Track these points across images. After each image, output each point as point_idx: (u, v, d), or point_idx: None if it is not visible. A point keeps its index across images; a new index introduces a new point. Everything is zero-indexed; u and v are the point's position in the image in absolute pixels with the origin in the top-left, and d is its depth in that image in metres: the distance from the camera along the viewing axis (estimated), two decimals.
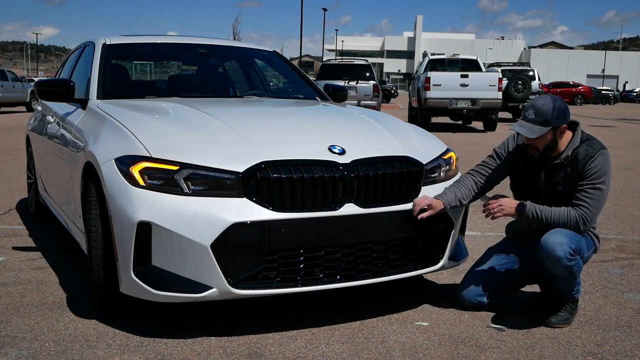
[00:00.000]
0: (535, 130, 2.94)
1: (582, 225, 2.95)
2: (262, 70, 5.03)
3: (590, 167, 2.94)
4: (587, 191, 2.94)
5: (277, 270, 2.73)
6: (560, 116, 2.94)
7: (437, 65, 17.82)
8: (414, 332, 2.90)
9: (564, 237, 2.88)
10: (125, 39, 4.49)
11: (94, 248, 2.89)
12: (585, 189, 2.95)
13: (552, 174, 3.04)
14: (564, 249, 2.84)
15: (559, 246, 2.84)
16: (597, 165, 2.94)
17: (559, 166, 3.02)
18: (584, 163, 2.95)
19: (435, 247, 3.12)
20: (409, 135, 3.38)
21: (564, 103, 2.99)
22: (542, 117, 2.92)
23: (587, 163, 2.94)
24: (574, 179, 2.98)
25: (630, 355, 2.71)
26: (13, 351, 2.62)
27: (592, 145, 2.99)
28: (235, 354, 2.62)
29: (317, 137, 3.02)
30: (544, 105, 2.94)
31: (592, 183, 2.94)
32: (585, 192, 2.95)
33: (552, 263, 2.87)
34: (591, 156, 2.95)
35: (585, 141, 3.02)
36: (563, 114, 2.95)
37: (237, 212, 2.62)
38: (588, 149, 2.98)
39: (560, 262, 2.84)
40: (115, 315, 2.99)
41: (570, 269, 2.87)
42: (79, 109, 3.80)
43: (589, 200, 2.94)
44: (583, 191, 2.95)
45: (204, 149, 2.79)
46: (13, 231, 4.78)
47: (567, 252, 2.84)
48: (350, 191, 2.81)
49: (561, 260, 2.83)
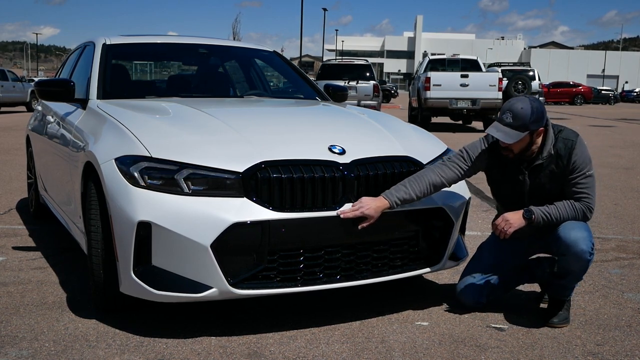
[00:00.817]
0: (513, 135, 2.90)
1: (589, 214, 2.99)
2: (262, 70, 5.03)
3: (574, 159, 2.94)
4: (580, 182, 2.96)
5: (277, 270, 2.74)
6: (538, 119, 2.91)
7: (437, 65, 17.83)
8: (414, 332, 2.90)
9: (585, 231, 2.90)
10: (125, 39, 4.49)
11: (94, 248, 2.89)
12: (578, 181, 2.96)
13: (536, 175, 3.02)
14: (587, 243, 2.85)
15: (582, 240, 2.85)
16: (580, 154, 2.95)
17: (542, 166, 3.01)
18: (568, 156, 2.95)
19: (435, 247, 3.12)
20: (409, 135, 3.38)
21: (541, 104, 2.96)
22: (520, 121, 2.87)
23: (570, 155, 2.95)
24: (561, 175, 2.98)
25: (630, 355, 2.71)
26: (13, 351, 2.62)
27: (567, 137, 3.00)
28: (235, 354, 2.62)
29: (317, 137, 3.02)
30: (522, 109, 2.88)
31: (582, 173, 2.96)
32: (580, 184, 2.96)
33: (574, 257, 2.86)
34: (571, 148, 2.96)
35: (559, 133, 3.02)
36: (541, 117, 2.92)
37: (237, 212, 2.62)
38: (566, 141, 2.98)
39: (583, 256, 2.85)
40: (115, 315, 2.99)
41: (588, 263, 2.89)
42: (79, 109, 3.80)
43: (586, 190, 2.96)
44: (577, 183, 2.97)
45: (204, 149, 2.79)
46: (13, 231, 4.78)
47: (589, 247, 2.86)
48: (350, 191, 2.81)
49: (584, 254, 2.84)
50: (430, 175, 2.99)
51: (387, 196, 2.87)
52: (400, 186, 2.93)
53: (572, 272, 2.93)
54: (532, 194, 3.05)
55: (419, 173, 3.01)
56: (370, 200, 2.81)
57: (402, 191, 2.91)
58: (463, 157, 3.12)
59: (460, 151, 3.15)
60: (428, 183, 2.98)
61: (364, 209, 2.78)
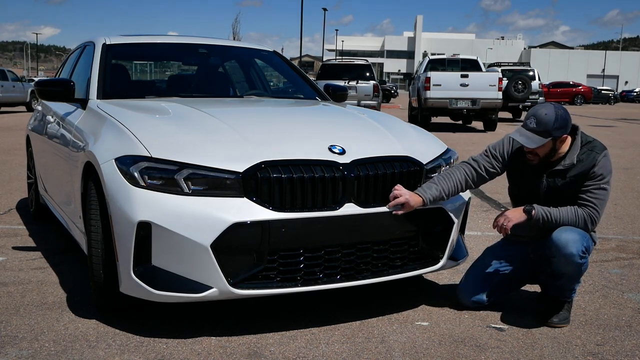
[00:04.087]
0: (535, 140, 2.91)
1: (591, 225, 2.96)
2: (262, 70, 5.03)
3: (595, 169, 2.94)
4: (592, 192, 2.95)
5: (277, 270, 2.73)
6: (562, 127, 2.91)
7: (437, 65, 17.83)
8: (414, 332, 2.90)
9: (577, 234, 2.89)
10: (125, 38, 4.49)
11: (94, 248, 2.89)
12: (590, 190, 2.95)
13: (555, 180, 3.02)
14: (577, 246, 2.85)
15: (572, 243, 2.85)
16: (602, 166, 2.94)
17: (561, 172, 3.00)
18: (590, 166, 2.94)
19: (435, 246, 3.12)
20: (409, 135, 3.38)
21: (566, 112, 2.95)
22: (543, 127, 2.88)
23: (593, 166, 2.94)
24: (579, 184, 2.97)
25: (630, 355, 2.71)
26: (13, 351, 2.62)
27: (594, 149, 2.98)
28: (235, 354, 2.62)
29: (317, 137, 3.02)
30: (546, 115, 2.89)
31: (597, 183, 2.94)
32: (591, 193, 2.95)
33: (564, 260, 2.86)
34: (595, 159, 2.95)
35: (586, 144, 3.01)
36: (565, 124, 2.92)
37: (237, 212, 2.62)
38: (590, 153, 2.97)
39: (573, 260, 2.85)
40: (116, 315, 2.99)
41: (580, 267, 2.89)
42: (79, 109, 3.80)
43: (594, 200, 2.95)
44: (589, 192, 2.95)
45: (204, 149, 2.79)
46: (13, 231, 4.78)
47: (580, 250, 2.85)
48: (350, 191, 2.81)
49: (574, 257, 2.84)
50: (457, 174, 3.07)
51: (421, 193, 2.93)
52: (430, 184, 3.00)
53: (564, 274, 2.93)
54: (548, 198, 3.04)
55: (445, 172, 3.08)
56: (408, 192, 2.89)
57: (434, 188, 2.98)
58: (488, 156, 3.16)
59: (485, 151, 3.19)
60: (456, 181, 3.04)
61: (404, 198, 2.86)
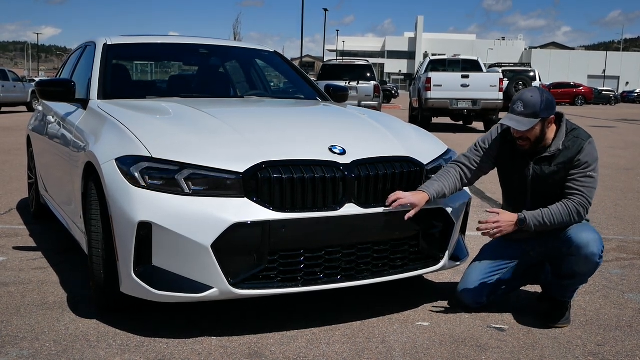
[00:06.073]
0: (525, 122, 2.94)
1: (584, 212, 2.97)
2: (262, 71, 5.03)
3: (580, 156, 2.96)
4: (579, 180, 2.96)
5: (278, 270, 2.74)
6: (549, 107, 2.95)
7: (438, 65, 17.82)
8: (414, 332, 2.90)
9: (596, 234, 2.91)
10: (126, 39, 4.50)
11: (94, 248, 2.89)
12: (577, 178, 2.97)
13: (541, 167, 3.04)
14: (598, 245, 2.86)
15: (594, 242, 2.86)
16: (587, 154, 2.97)
17: (548, 159, 3.02)
18: (575, 154, 2.97)
19: (435, 247, 3.12)
20: (410, 136, 3.38)
21: (550, 94, 3.02)
22: (531, 109, 2.92)
23: (578, 153, 2.96)
24: (565, 171, 2.99)
25: (630, 355, 2.71)
26: (14, 351, 2.62)
27: (579, 136, 3.01)
28: (235, 354, 2.62)
29: (318, 137, 3.02)
30: (532, 97, 2.94)
31: (583, 172, 2.96)
32: (578, 181, 2.96)
33: (584, 259, 2.87)
34: (580, 146, 2.97)
35: (572, 131, 3.04)
36: (551, 105, 2.97)
37: (237, 212, 2.62)
38: (576, 140, 3.00)
39: (593, 259, 2.86)
40: (116, 315, 2.99)
41: (597, 266, 2.91)
42: (80, 109, 3.80)
43: (582, 189, 2.96)
44: (575, 180, 2.97)
45: (204, 149, 2.79)
46: (14, 231, 4.78)
47: (600, 250, 2.87)
48: (350, 191, 2.81)
49: (594, 257, 2.85)
50: (452, 172, 3.11)
51: (424, 189, 2.97)
52: (432, 181, 3.03)
53: (579, 273, 2.94)
54: (535, 188, 3.06)
55: (441, 172, 3.11)
56: (409, 193, 2.91)
57: (436, 184, 3.01)
58: (478, 150, 3.20)
59: (474, 145, 3.22)
60: (453, 179, 3.08)
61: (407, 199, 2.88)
